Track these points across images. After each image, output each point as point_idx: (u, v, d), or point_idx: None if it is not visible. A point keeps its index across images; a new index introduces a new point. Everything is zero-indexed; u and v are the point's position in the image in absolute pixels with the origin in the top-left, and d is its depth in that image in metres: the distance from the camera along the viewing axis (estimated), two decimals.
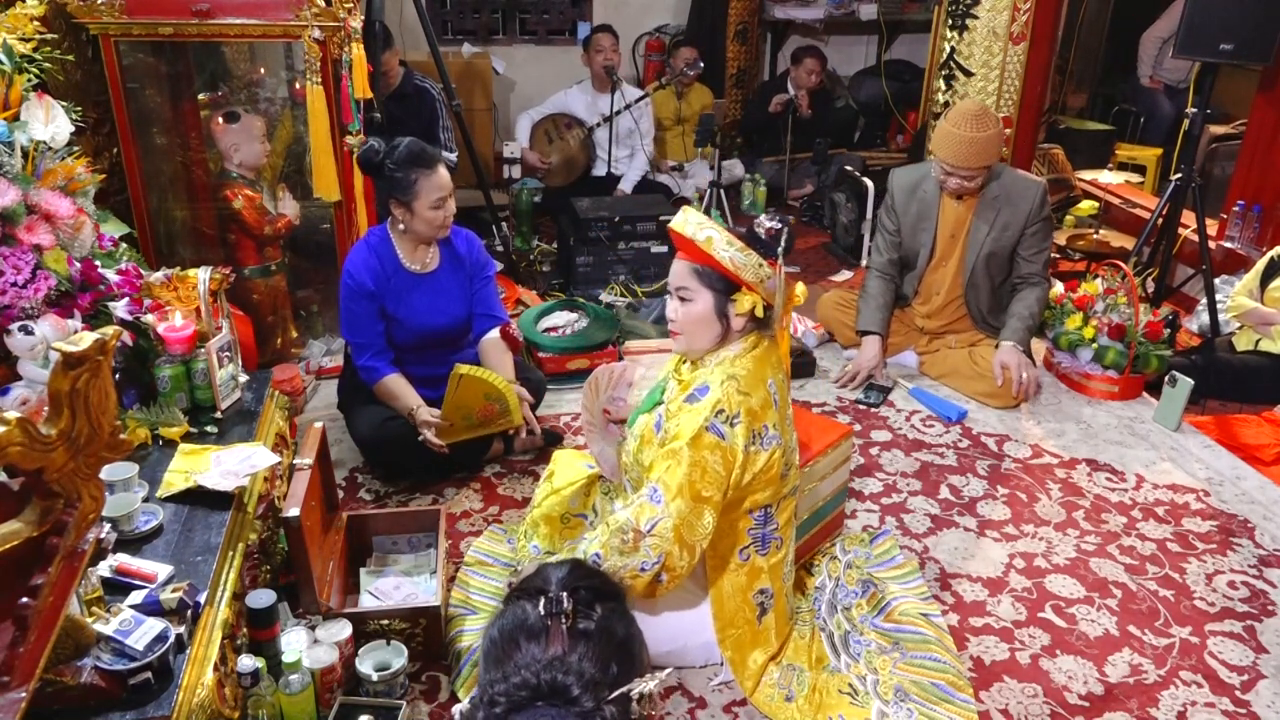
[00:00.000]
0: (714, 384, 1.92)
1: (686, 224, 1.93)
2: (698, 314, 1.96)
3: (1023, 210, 3.24)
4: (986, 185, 3.26)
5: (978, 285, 3.36)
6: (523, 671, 1.00)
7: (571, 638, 1.05)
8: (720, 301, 1.94)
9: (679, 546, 1.86)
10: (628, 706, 1.00)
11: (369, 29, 3.49)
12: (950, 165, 3.17)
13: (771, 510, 2.02)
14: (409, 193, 2.56)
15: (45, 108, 2.19)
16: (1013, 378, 3.20)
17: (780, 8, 5.96)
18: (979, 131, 3.10)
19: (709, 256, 1.90)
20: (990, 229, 3.27)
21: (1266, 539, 2.63)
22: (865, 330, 3.43)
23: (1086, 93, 6.54)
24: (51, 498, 1.33)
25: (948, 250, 3.37)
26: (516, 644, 1.06)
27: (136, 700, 1.50)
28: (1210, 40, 3.47)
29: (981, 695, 2.07)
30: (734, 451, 1.89)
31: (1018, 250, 3.31)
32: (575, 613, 1.07)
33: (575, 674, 0.99)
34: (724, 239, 1.89)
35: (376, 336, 2.68)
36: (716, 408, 1.88)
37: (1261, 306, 3.29)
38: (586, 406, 2.34)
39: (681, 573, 1.90)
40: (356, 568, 2.30)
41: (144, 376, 2.23)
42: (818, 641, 2.17)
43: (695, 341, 1.99)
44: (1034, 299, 3.31)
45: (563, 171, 5.09)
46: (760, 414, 1.92)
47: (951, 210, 3.33)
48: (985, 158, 3.14)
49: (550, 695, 0.98)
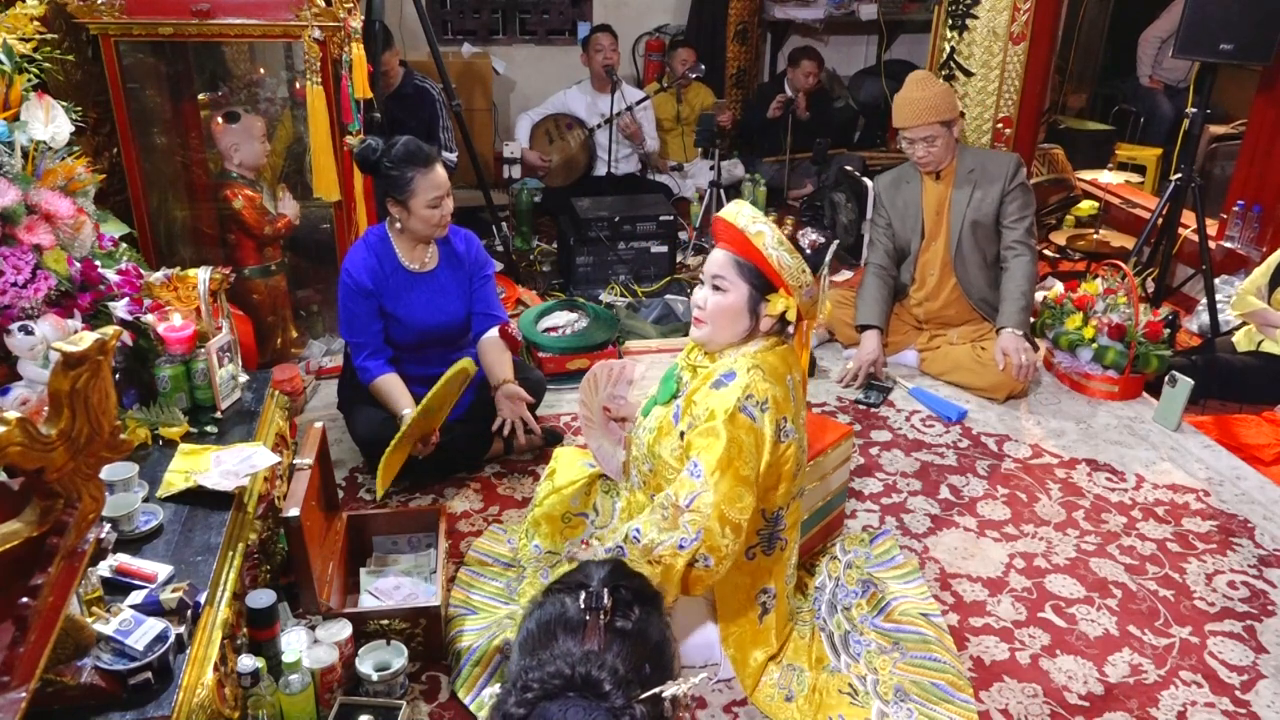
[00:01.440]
0: (740, 370, 1.93)
1: (739, 215, 1.93)
2: (729, 305, 1.95)
3: (998, 180, 3.36)
4: (961, 159, 3.39)
5: (966, 257, 3.42)
6: (558, 661, 1.01)
7: (608, 635, 1.06)
8: (754, 298, 1.95)
9: (720, 523, 1.84)
10: (659, 708, 1.01)
11: (369, 29, 3.49)
12: (908, 129, 3.32)
13: (783, 511, 2.02)
14: (405, 191, 2.56)
15: (45, 108, 2.19)
16: (1013, 362, 3.24)
17: (780, 8, 5.96)
18: (923, 90, 3.27)
19: (755, 251, 1.91)
20: (970, 198, 3.38)
21: (1266, 539, 2.63)
22: (864, 324, 3.46)
23: (1086, 93, 6.54)
24: (51, 498, 1.33)
25: (935, 227, 3.46)
26: (554, 635, 1.07)
27: (136, 700, 1.50)
28: (1210, 40, 3.47)
29: (981, 695, 2.07)
30: (763, 435, 1.89)
31: (1000, 218, 3.39)
32: (614, 610, 1.08)
33: (609, 670, 1.00)
34: (775, 237, 1.91)
35: (374, 336, 2.68)
36: (746, 391, 1.89)
37: (1268, 309, 3.29)
38: (585, 402, 2.34)
39: (725, 555, 1.86)
40: (356, 568, 2.29)
41: (144, 376, 2.23)
42: (818, 641, 2.17)
43: (719, 333, 1.99)
44: (1023, 275, 3.35)
45: (563, 172, 5.09)
46: (783, 405, 1.93)
47: (933, 189, 3.44)
48: (934, 113, 3.27)
49: (582, 688, 0.99)
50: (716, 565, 1.87)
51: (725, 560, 1.87)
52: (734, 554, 1.89)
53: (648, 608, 1.12)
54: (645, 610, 1.11)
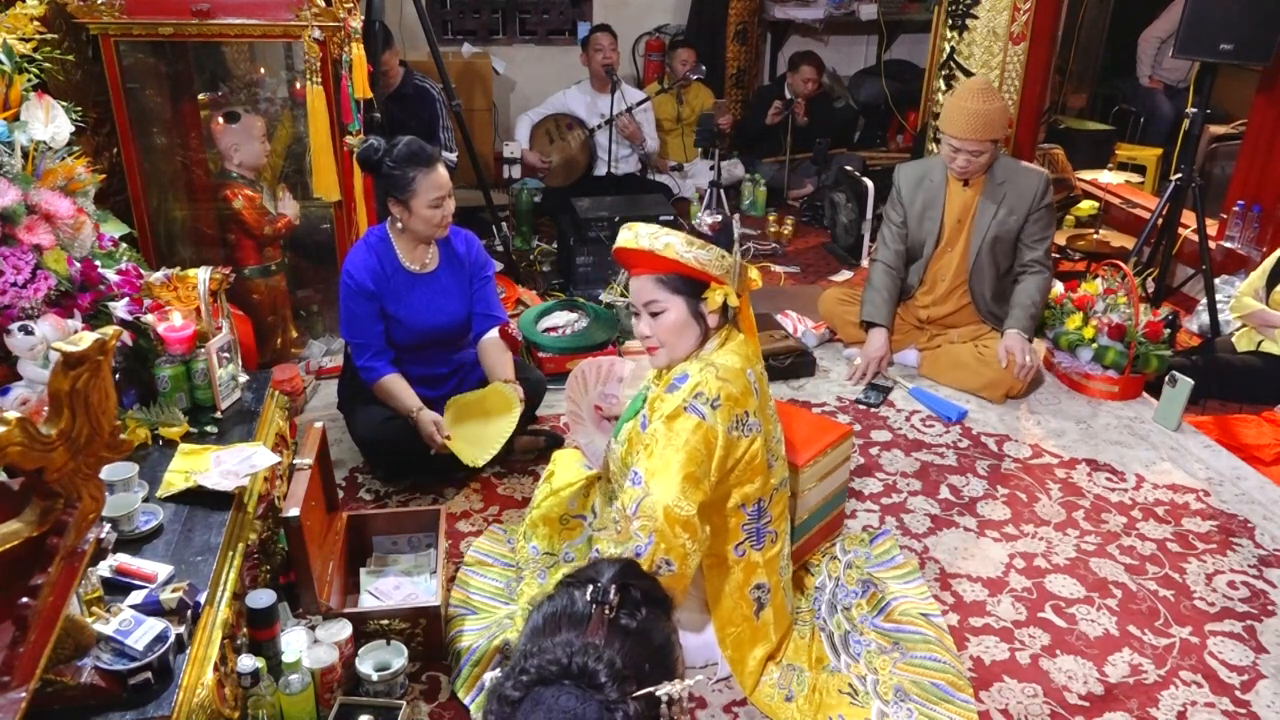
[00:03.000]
0: (692, 371, 1.93)
1: (638, 238, 1.91)
2: (674, 322, 1.95)
3: (1027, 198, 3.30)
4: (991, 170, 3.31)
5: (982, 270, 3.39)
6: (557, 650, 1.03)
7: (611, 630, 1.07)
8: (693, 304, 1.94)
9: (670, 524, 1.79)
10: (655, 708, 1.01)
11: (369, 29, 3.49)
12: (958, 139, 3.22)
13: (765, 504, 2.02)
14: (407, 191, 2.56)
15: (45, 108, 2.19)
16: (1016, 361, 3.24)
17: (780, 8, 5.96)
18: (986, 104, 3.16)
19: (672, 262, 1.89)
20: (996, 212, 3.32)
21: (1266, 539, 2.63)
22: (871, 322, 3.44)
23: (1086, 93, 6.54)
24: (51, 498, 1.33)
25: (954, 235, 3.41)
26: (559, 626, 1.08)
27: (136, 700, 1.50)
28: (1210, 40, 3.47)
29: (981, 695, 2.07)
30: (715, 432, 1.87)
31: (1021, 237, 3.35)
32: (620, 608, 1.09)
33: (606, 663, 1.01)
34: (682, 242, 1.89)
35: (376, 336, 2.68)
36: (695, 390, 1.88)
37: (1266, 310, 3.29)
38: (573, 399, 2.34)
39: (687, 554, 1.82)
40: (356, 568, 2.30)
41: (144, 376, 2.23)
42: (818, 641, 2.17)
43: (677, 350, 1.98)
44: (1035, 288, 3.34)
45: (563, 172, 5.09)
46: (741, 400, 1.92)
47: (958, 195, 3.37)
48: (991, 130, 3.19)
49: (578, 677, 1.00)
50: (680, 566, 1.82)
51: (688, 559, 1.83)
52: (696, 552, 1.85)
53: (655, 610, 1.13)
54: (653, 612, 1.12)
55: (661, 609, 1.15)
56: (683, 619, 2.07)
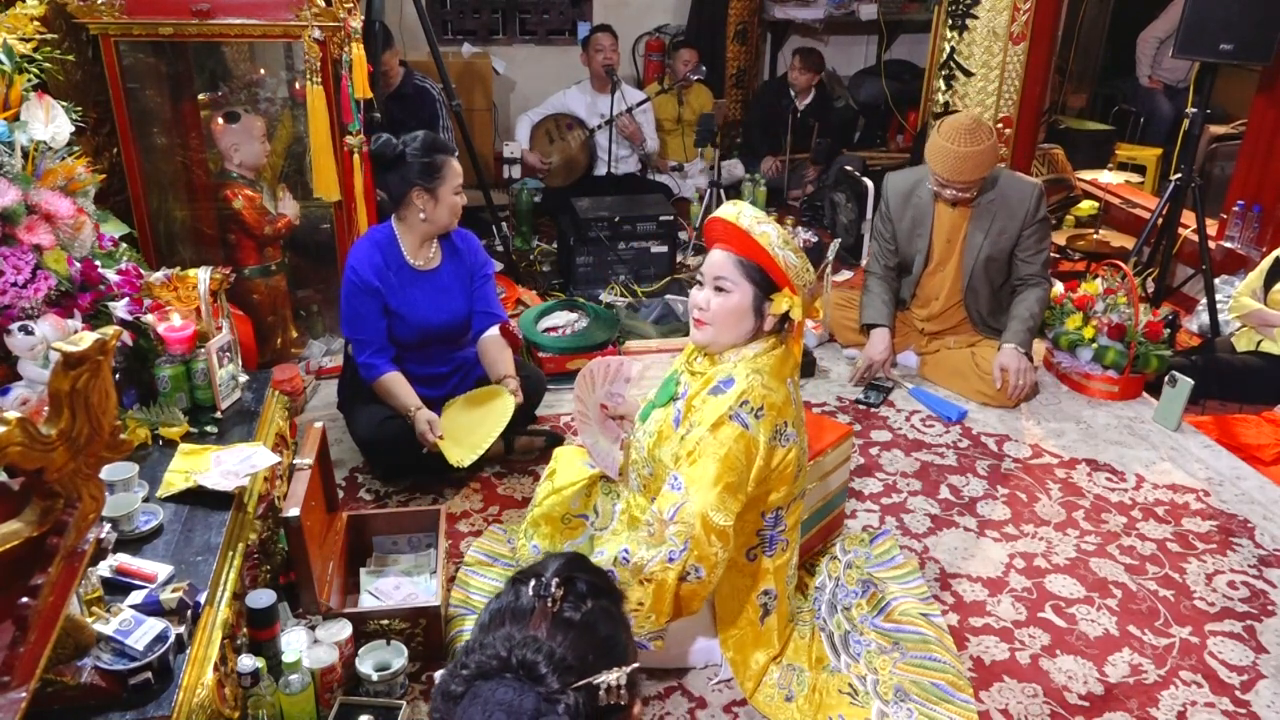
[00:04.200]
0: (739, 377, 1.92)
1: (741, 215, 1.92)
2: (733, 306, 1.94)
3: (1019, 214, 3.24)
4: (982, 193, 3.25)
5: (977, 289, 3.36)
6: (498, 644, 1.03)
7: (554, 624, 1.07)
8: (759, 298, 1.94)
9: (706, 531, 1.82)
10: (595, 699, 1.01)
11: (369, 29, 3.50)
12: (944, 179, 3.17)
13: (783, 512, 2.02)
14: (436, 178, 2.58)
15: (45, 108, 2.19)
16: (1010, 381, 3.20)
17: (780, 8, 5.96)
18: (972, 146, 3.08)
19: (761, 250, 1.89)
20: (986, 235, 3.26)
21: (1266, 539, 2.63)
22: (871, 323, 3.43)
23: (1086, 93, 6.54)
24: (51, 498, 1.33)
25: (945, 255, 3.36)
26: (502, 621, 1.08)
27: (136, 700, 1.50)
28: (1210, 40, 3.47)
29: (981, 695, 2.07)
30: (756, 443, 1.88)
31: (1015, 253, 3.30)
32: (564, 600, 1.09)
33: (546, 655, 1.01)
34: (780, 236, 1.90)
35: (378, 333, 2.68)
36: (742, 398, 1.88)
37: (1265, 309, 3.29)
38: (581, 399, 2.33)
39: (716, 563, 1.85)
40: (356, 568, 2.29)
41: (144, 376, 2.23)
42: (818, 641, 2.17)
43: (722, 335, 1.97)
44: (1034, 300, 3.30)
45: (563, 172, 5.09)
46: (783, 410, 1.92)
47: (947, 216, 3.31)
48: (979, 171, 3.13)
49: (518, 669, 1.00)
50: (708, 575, 1.86)
51: (716, 569, 1.86)
52: (724, 562, 1.88)
53: (602, 601, 1.13)
54: (599, 605, 1.12)
55: (610, 600, 1.15)
56: (690, 621, 2.06)
